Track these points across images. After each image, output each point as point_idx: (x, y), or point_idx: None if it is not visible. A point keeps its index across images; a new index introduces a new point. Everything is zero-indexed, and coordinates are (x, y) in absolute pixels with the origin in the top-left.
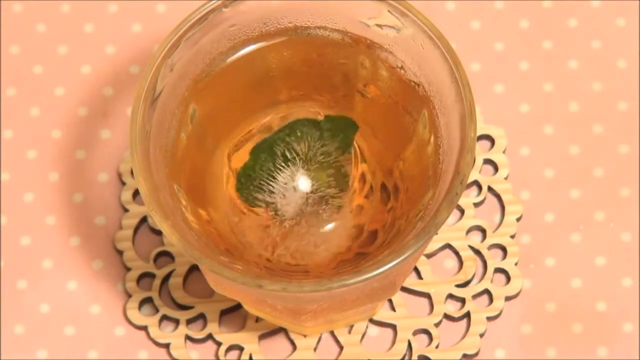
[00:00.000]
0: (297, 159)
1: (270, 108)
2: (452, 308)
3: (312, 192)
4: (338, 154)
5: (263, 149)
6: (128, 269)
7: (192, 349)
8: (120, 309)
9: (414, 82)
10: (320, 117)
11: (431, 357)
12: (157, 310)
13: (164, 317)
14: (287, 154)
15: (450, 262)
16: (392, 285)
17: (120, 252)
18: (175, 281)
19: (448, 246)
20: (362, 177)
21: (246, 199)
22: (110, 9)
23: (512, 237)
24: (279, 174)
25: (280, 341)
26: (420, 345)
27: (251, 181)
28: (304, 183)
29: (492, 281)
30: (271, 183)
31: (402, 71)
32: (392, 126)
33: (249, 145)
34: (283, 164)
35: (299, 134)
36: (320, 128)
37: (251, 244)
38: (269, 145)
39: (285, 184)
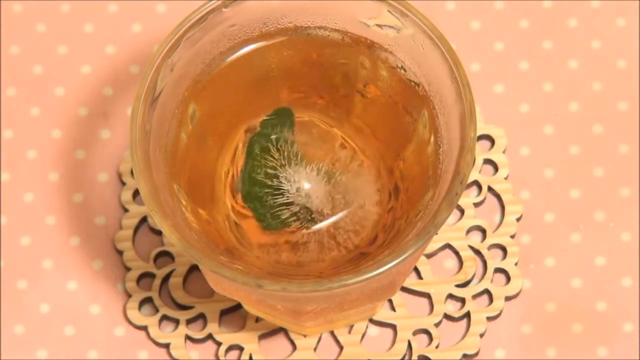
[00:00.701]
0: (280, 168)
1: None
2: (452, 308)
3: (318, 174)
4: (294, 134)
5: (250, 189)
6: (128, 269)
7: (192, 349)
8: (120, 309)
9: (414, 82)
10: (257, 128)
11: (431, 357)
12: (157, 310)
13: (164, 317)
14: (271, 171)
15: (450, 262)
16: (392, 285)
17: (120, 252)
18: (175, 281)
19: (448, 246)
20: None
21: (281, 227)
22: (110, 9)
23: (512, 237)
24: (284, 189)
25: (280, 341)
26: (420, 345)
27: (270, 218)
28: (306, 176)
29: (492, 281)
30: (287, 201)
31: (402, 71)
32: (392, 126)
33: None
34: (278, 181)
35: (258, 152)
36: (265, 134)
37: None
38: (250, 182)
39: (298, 189)
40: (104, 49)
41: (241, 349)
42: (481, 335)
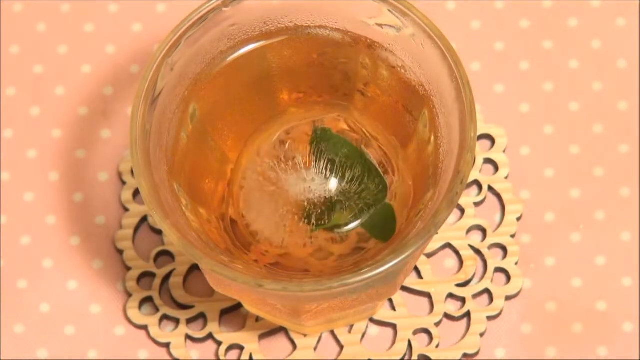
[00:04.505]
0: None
1: (270, 108)
2: (453, 307)
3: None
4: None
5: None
6: (128, 269)
7: (193, 349)
8: (120, 309)
9: (414, 81)
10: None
11: (431, 357)
12: (157, 310)
13: (164, 317)
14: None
15: (451, 261)
16: (392, 285)
17: (120, 252)
18: (176, 280)
19: (448, 245)
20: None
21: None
22: (111, 8)
23: (513, 236)
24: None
25: (280, 341)
26: (420, 344)
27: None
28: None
29: (492, 281)
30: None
31: (403, 71)
32: (392, 126)
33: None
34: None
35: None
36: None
37: None
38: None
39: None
40: (104, 48)
41: (241, 348)
42: (481, 335)
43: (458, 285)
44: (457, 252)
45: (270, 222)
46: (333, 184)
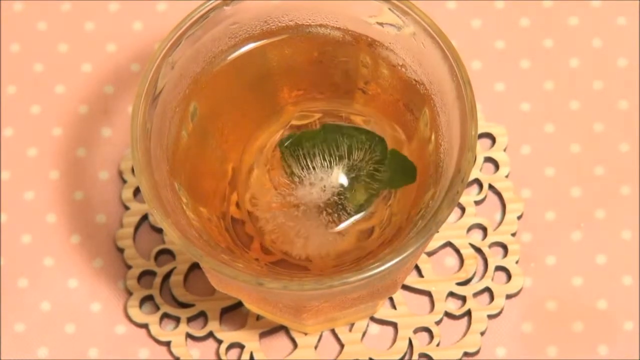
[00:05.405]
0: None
1: (271, 107)
2: (453, 306)
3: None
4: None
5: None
6: (129, 267)
7: (193, 347)
8: (121, 307)
9: (415, 80)
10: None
11: (432, 356)
12: (157, 309)
13: (165, 315)
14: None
15: (451, 260)
16: (393, 284)
17: (121, 250)
18: (176, 279)
19: (449, 244)
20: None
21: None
22: (111, 7)
23: (513, 235)
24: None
25: (281, 339)
26: (421, 343)
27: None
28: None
29: (492, 279)
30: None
31: (403, 69)
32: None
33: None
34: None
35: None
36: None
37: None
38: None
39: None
40: (104, 47)
41: (242, 347)
42: (482, 334)
43: (459, 284)
44: (457, 251)
45: (321, 236)
46: (338, 169)
